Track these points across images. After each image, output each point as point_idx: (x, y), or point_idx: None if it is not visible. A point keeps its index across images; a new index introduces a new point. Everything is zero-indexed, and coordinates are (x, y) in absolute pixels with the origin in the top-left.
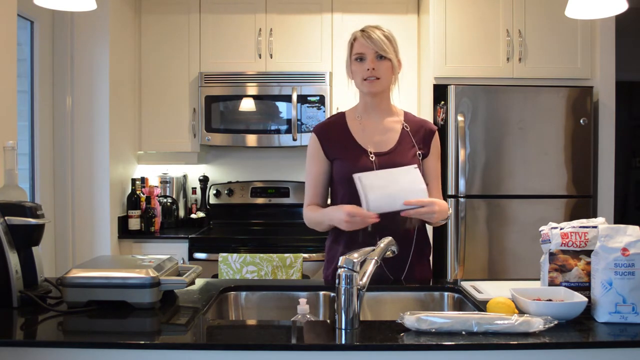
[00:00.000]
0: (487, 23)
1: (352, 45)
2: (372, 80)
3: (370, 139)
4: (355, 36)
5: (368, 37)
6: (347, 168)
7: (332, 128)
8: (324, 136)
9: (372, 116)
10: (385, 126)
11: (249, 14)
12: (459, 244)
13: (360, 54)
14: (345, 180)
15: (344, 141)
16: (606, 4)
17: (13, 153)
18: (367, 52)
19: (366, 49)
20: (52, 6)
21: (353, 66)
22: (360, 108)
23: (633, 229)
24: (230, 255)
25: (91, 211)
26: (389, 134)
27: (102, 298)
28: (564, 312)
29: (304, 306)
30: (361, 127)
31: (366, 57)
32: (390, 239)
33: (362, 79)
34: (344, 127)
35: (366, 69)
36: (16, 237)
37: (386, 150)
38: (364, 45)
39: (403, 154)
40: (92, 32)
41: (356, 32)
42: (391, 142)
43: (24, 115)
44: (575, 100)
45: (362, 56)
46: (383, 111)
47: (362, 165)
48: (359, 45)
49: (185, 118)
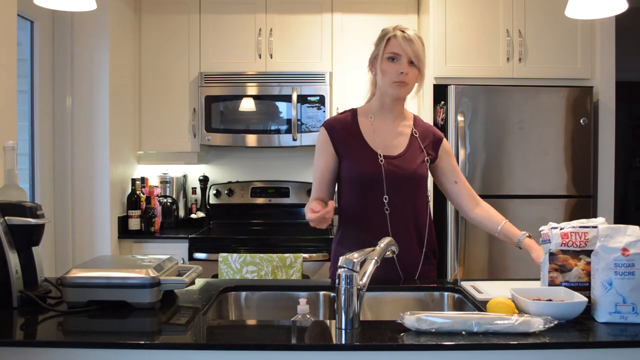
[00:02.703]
0: (487, 23)
1: (387, 42)
2: (402, 84)
3: (381, 142)
4: (394, 34)
5: (409, 40)
6: (356, 169)
7: (342, 125)
8: (334, 132)
9: (385, 119)
10: (396, 130)
11: (249, 14)
12: (459, 244)
13: (395, 54)
14: (353, 181)
15: (354, 140)
16: (606, 4)
17: (13, 153)
18: (403, 55)
19: (403, 51)
20: (52, 6)
21: (384, 64)
22: (374, 108)
23: (633, 229)
24: (230, 255)
25: (91, 211)
26: (399, 138)
27: (102, 298)
28: (564, 312)
29: (304, 306)
30: (372, 127)
31: (401, 59)
32: (390, 239)
33: (393, 81)
34: (355, 126)
35: (399, 72)
36: (16, 237)
37: (396, 154)
38: (401, 46)
39: (412, 159)
40: (92, 32)
41: (394, 29)
42: (401, 147)
43: (24, 115)
44: (575, 100)
45: (396, 57)
46: (397, 115)
47: (372, 168)
48: (396, 45)
49: (185, 118)
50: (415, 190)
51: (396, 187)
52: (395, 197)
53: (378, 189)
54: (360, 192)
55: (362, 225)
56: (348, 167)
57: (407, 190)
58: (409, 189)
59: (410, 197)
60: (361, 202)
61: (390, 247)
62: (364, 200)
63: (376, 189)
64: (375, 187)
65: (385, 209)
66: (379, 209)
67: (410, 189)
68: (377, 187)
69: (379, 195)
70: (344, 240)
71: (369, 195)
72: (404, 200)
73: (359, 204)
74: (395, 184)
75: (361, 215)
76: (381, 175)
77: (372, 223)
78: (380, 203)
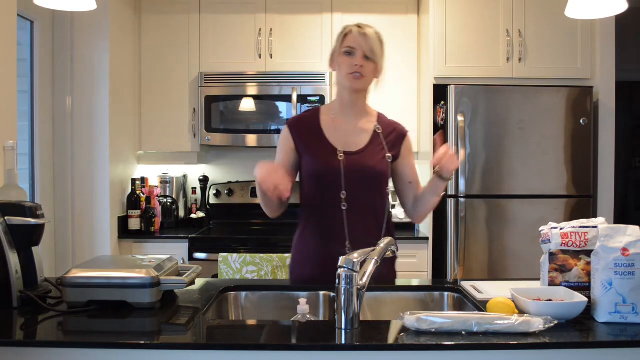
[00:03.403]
0: (487, 23)
1: (344, 38)
2: (357, 76)
3: (341, 138)
4: (350, 30)
5: (363, 34)
6: (315, 165)
7: (304, 123)
8: (296, 129)
9: (346, 115)
10: (357, 126)
11: (249, 14)
12: (459, 244)
13: (351, 48)
14: (311, 177)
15: (315, 137)
16: (606, 4)
17: (13, 153)
18: (357, 48)
19: (358, 45)
20: (52, 6)
21: (340, 58)
22: (336, 105)
23: (633, 229)
24: (230, 255)
25: (91, 211)
26: (361, 134)
27: (102, 298)
28: (564, 312)
29: (304, 306)
30: (333, 124)
31: (356, 53)
32: (390, 239)
33: (348, 73)
34: (317, 124)
35: (354, 64)
36: (16, 237)
37: (355, 150)
38: (356, 40)
39: (372, 156)
40: (92, 32)
41: (351, 26)
42: (361, 143)
43: (24, 115)
44: (575, 100)
45: (352, 51)
46: (358, 111)
47: (330, 164)
48: (352, 40)
49: (185, 118)
50: (374, 186)
51: (354, 183)
52: (353, 193)
53: (336, 185)
54: (318, 187)
55: (319, 221)
56: (307, 163)
57: (366, 186)
58: (368, 185)
59: (368, 193)
60: (319, 197)
61: (390, 247)
62: (322, 195)
63: (334, 184)
64: (333, 183)
65: (343, 204)
66: (336, 204)
67: (369, 185)
68: (335, 182)
69: (337, 191)
70: (303, 235)
71: (326, 190)
72: (362, 196)
73: (318, 200)
74: (353, 180)
75: (319, 210)
76: (339, 171)
77: (329, 218)
78: (338, 199)
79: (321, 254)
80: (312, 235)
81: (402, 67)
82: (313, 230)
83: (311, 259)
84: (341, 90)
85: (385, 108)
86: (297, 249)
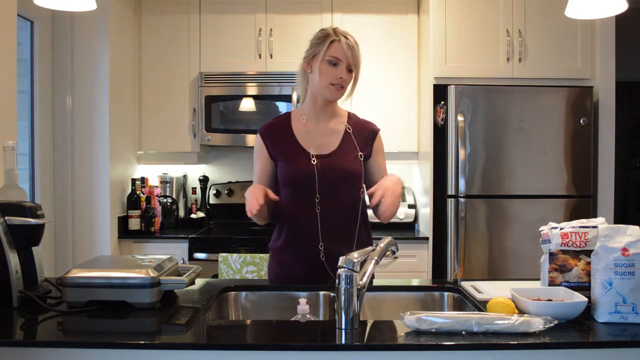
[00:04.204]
0: (487, 23)
1: (330, 45)
2: (339, 88)
3: (313, 142)
4: (338, 39)
5: (351, 47)
6: (288, 170)
7: (276, 129)
8: (268, 137)
9: (317, 119)
10: (328, 129)
11: (249, 14)
12: (459, 244)
13: (337, 59)
14: (286, 182)
15: (287, 143)
16: (606, 4)
17: (13, 153)
18: (344, 61)
19: (344, 57)
20: (52, 6)
21: (323, 66)
22: (307, 109)
23: (633, 229)
24: (230, 255)
25: (91, 211)
26: (332, 136)
27: (102, 298)
28: (564, 312)
29: (304, 306)
30: (305, 129)
31: (341, 65)
32: (390, 239)
33: (330, 83)
34: (288, 129)
35: (338, 76)
36: (16, 237)
37: (328, 152)
38: (343, 52)
39: (345, 156)
40: (92, 32)
41: (336, 33)
42: (334, 145)
43: (24, 115)
44: (575, 100)
45: (337, 62)
46: (329, 114)
47: (304, 167)
48: (339, 51)
49: (185, 118)
50: (348, 187)
51: (329, 185)
52: (327, 196)
53: (310, 189)
54: (293, 192)
55: (294, 225)
56: (282, 169)
57: (340, 188)
58: (342, 187)
59: (342, 195)
60: (294, 202)
61: (390, 247)
62: (297, 200)
63: (308, 188)
64: (307, 187)
65: (317, 207)
66: (310, 208)
67: (343, 186)
68: (309, 186)
69: (311, 195)
70: (278, 239)
71: (301, 195)
72: (336, 198)
73: (293, 204)
74: (328, 183)
75: (294, 215)
76: (313, 175)
77: (303, 222)
78: (312, 202)
79: (295, 256)
80: (287, 240)
81: (402, 67)
82: (288, 235)
83: (287, 260)
84: (316, 96)
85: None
86: (272, 253)
